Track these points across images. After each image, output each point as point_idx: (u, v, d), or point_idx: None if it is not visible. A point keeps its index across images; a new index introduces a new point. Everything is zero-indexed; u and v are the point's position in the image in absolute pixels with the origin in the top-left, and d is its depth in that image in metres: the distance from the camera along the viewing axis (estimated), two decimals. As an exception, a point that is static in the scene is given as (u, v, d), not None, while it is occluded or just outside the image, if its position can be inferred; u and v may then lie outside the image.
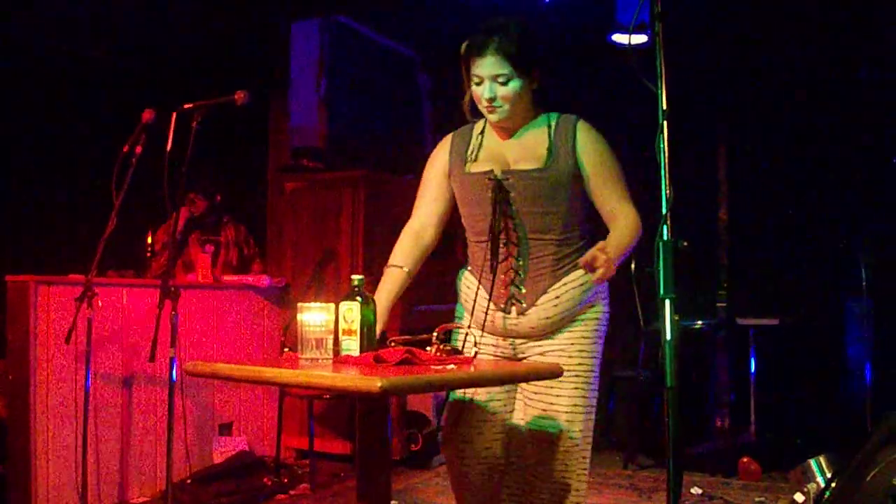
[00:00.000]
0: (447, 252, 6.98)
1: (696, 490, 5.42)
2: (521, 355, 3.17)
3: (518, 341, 3.16)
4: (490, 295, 3.11)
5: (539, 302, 3.06)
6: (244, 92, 3.67)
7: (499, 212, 3.09)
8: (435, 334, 2.84)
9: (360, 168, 6.37)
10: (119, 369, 5.16)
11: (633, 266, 5.88)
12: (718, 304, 6.98)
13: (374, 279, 3.19)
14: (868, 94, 6.61)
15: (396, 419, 5.79)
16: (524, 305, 3.07)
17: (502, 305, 3.11)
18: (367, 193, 6.10)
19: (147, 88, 6.30)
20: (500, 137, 3.19)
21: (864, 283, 6.09)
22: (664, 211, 2.36)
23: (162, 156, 3.93)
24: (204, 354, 5.47)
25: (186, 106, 3.99)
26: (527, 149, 3.12)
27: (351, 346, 2.69)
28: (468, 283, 3.26)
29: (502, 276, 3.10)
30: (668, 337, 2.32)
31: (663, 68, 2.53)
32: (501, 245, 3.10)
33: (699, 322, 6.53)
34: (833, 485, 4.06)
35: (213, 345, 5.62)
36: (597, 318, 3.15)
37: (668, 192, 2.37)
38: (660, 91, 2.50)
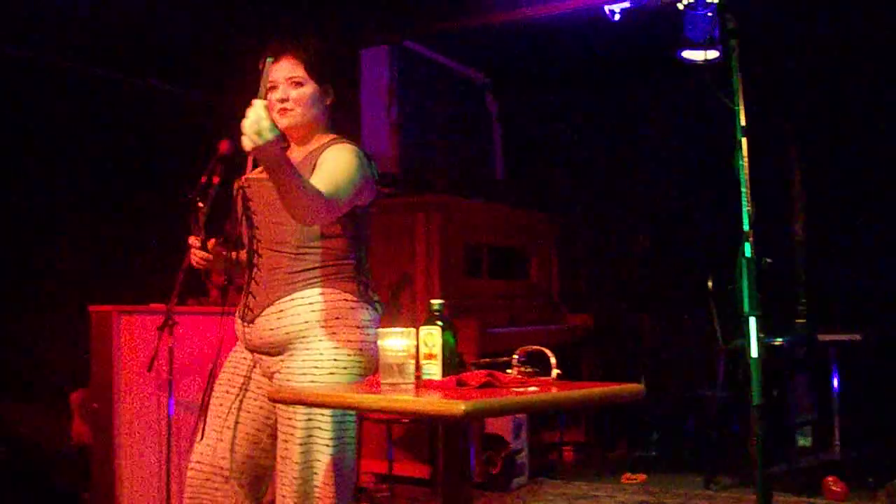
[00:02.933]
0: (521, 274, 7.01)
1: (780, 510, 5.34)
2: (266, 373, 3.06)
3: (264, 361, 3.03)
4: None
5: (265, 312, 2.95)
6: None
7: (243, 219, 3.06)
8: (515, 357, 2.84)
9: (432, 192, 6.40)
10: (201, 396, 5.21)
11: (710, 283, 5.81)
12: (797, 321, 6.87)
13: (451, 303, 3.19)
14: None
15: (475, 442, 5.78)
16: (253, 314, 2.98)
17: (240, 313, 3.06)
18: (440, 217, 6.12)
19: (222, 119, 6.38)
20: (290, 148, 3.12)
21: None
22: (746, 228, 2.33)
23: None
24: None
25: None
26: (297, 164, 2.93)
27: (432, 370, 2.69)
28: None
29: (244, 285, 3.06)
30: (754, 355, 2.28)
31: (740, 85, 2.51)
32: (248, 254, 3.06)
33: (778, 339, 6.43)
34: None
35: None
36: (335, 348, 2.90)
37: (749, 208, 2.35)
38: (737, 108, 2.48)
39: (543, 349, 3.09)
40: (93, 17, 5.48)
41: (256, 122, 2.41)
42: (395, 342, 2.60)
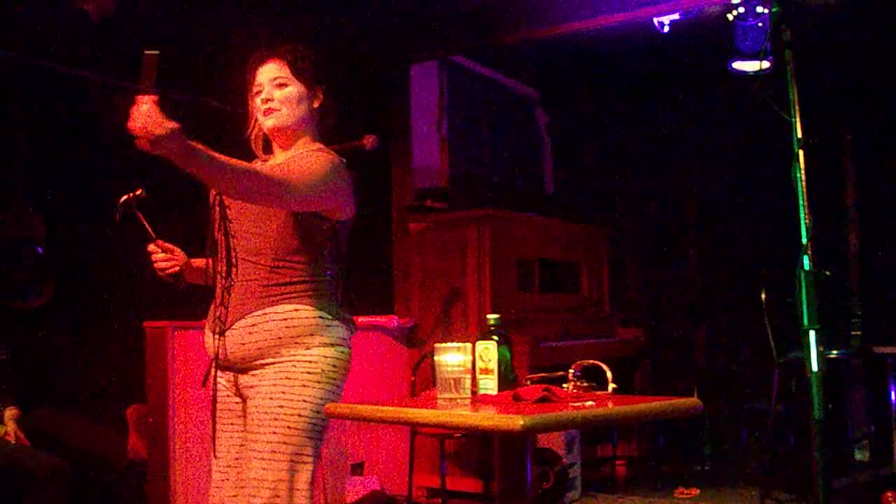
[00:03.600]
0: (572, 288, 6.99)
1: (838, 525, 5.27)
2: (242, 394, 3.00)
3: (239, 377, 2.99)
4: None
5: (236, 325, 2.88)
6: (373, 136, 3.64)
7: (220, 228, 2.99)
8: (571, 371, 2.83)
9: (483, 206, 6.41)
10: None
11: (763, 296, 5.76)
12: (852, 333, 6.79)
13: (503, 317, 3.19)
14: None
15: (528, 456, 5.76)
16: (224, 326, 2.91)
17: (212, 325, 2.99)
18: (491, 231, 6.12)
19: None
20: (274, 155, 3.10)
21: None
22: (804, 241, 2.31)
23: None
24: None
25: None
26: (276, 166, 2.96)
27: (488, 385, 2.70)
28: None
29: (217, 295, 2.98)
30: (815, 369, 2.26)
31: (796, 96, 2.49)
32: (223, 264, 2.98)
33: (833, 352, 6.35)
34: None
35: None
36: (310, 361, 2.86)
37: (807, 220, 2.33)
38: (794, 120, 2.46)
39: (599, 363, 3.08)
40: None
41: (143, 118, 2.37)
42: (452, 357, 2.61)
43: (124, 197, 3.10)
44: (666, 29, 5.99)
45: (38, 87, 5.91)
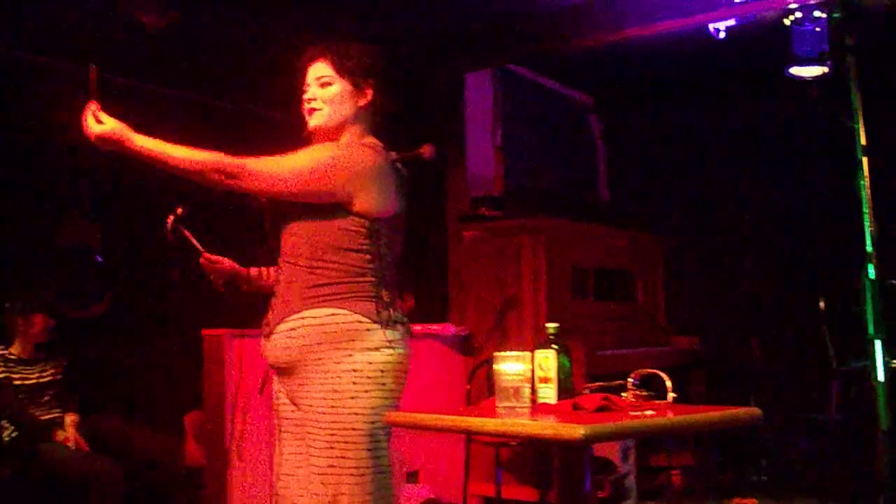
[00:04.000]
0: (627, 296, 6.96)
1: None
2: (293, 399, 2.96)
3: (285, 383, 2.97)
4: None
5: (279, 328, 2.88)
6: (431, 145, 3.62)
7: (269, 229, 3.01)
8: (630, 380, 2.82)
9: (538, 214, 6.39)
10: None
11: (822, 304, 5.69)
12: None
13: (560, 326, 3.17)
14: None
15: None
16: (269, 329, 2.92)
17: (262, 328, 2.99)
18: (546, 240, 6.10)
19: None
20: None
21: None
22: (869, 249, 2.28)
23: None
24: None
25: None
26: None
27: (548, 394, 2.70)
28: None
29: (270, 298, 2.98)
30: (881, 378, 2.23)
31: (860, 103, 2.46)
32: (272, 268, 3.02)
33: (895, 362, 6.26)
34: None
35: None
36: (354, 370, 2.79)
37: (872, 228, 2.30)
38: (857, 126, 2.43)
39: (658, 372, 3.06)
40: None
41: (83, 123, 2.81)
42: (511, 366, 2.60)
43: (169, 218, 3.17)
44: (722, 35, 5.94)
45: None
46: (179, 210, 3.18)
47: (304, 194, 2.85)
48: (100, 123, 2.81)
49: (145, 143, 2.80)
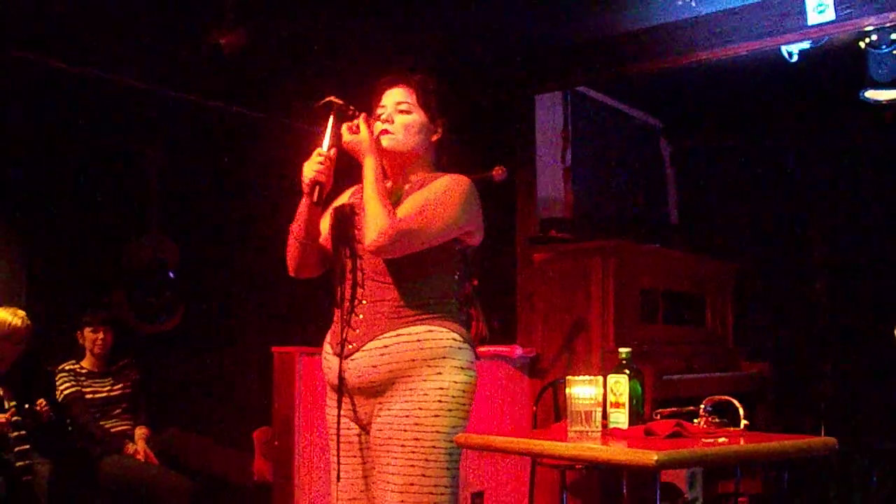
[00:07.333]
0: (696, 320, 6.91)
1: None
2: (361, 420, 2.95)
3: (358, 403, 2.93)
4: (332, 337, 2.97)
5: (367, 346, 2.82)
6: (502, 168, 3.63)
7: (348, 248, 2.96)
8: (703, 406, 2.81)
9: (607, 237, 6.37)
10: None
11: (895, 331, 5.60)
12: None
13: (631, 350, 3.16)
14: None
15: (651, 491, 5.70)
16: (353, 347, 2.85)
17: (337, 348, 2.91)
18: (615, 262, 6.08)
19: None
20: (387, 177, 3.04)
21: None
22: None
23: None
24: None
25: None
26: (392, 192, 2.98)
27: (619, 418, 2.69)
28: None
29: (345, 317, 2.91)
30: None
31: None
32: (348, 285, 2.94)
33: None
34: None
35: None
36: (441, 388, 2.79)
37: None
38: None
39: (731, 399, 3.04)
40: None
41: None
42: (584, 390, 2.61)
43: (328, 97, 3.02)
44: (794, 58, 5.89)
45: (167, 117, 6.10)
46: (336, 99, 3.02)
47: (453, 237, 2.91)
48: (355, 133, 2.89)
49: (368, 166, 2.87)
